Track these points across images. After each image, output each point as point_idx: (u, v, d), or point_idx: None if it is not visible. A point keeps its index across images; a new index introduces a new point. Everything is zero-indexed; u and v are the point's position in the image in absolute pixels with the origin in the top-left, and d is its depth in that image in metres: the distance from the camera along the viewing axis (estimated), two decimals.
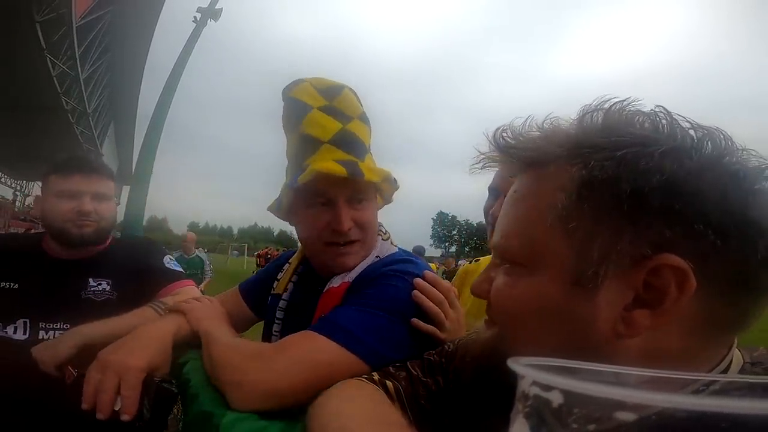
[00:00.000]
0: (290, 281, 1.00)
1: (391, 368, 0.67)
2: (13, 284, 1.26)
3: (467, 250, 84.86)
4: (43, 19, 12.02)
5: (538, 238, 0.44)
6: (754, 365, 0.43)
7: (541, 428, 0.21)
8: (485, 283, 0.52)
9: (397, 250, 0.97)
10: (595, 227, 0.40)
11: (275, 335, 0.95)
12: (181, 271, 1.47)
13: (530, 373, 0.21)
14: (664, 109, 0.43)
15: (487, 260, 1.06)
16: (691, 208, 0.37)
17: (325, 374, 0.67)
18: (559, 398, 0.20)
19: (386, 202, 1.01)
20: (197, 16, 16.23)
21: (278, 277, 1.03)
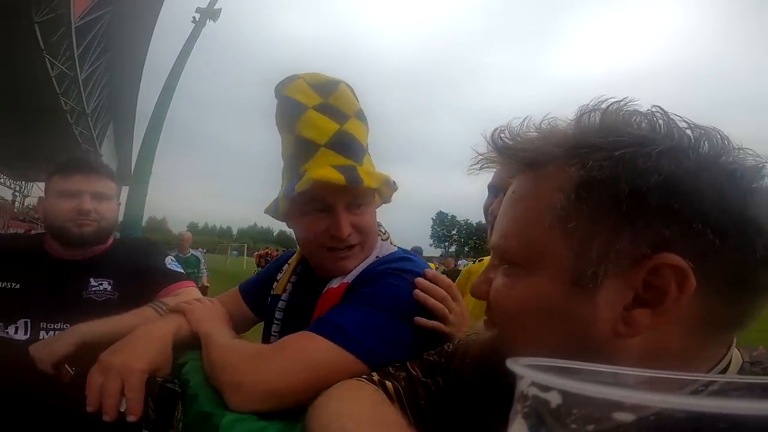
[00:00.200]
0: (289, 282, 0.99)
1: (390, 368, 0.67)
2: (14, 284, 1.26)
3: (467, 249, 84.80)
4: (41, 19, 12.01)
5: (536, 238, 0.44)
6: (753, 365, 0.43)
7: (539, 428, 0.21)
8: (484, 284, 0.52)
9: (396, 249, 0.97)
10: (593, 227, 0.40)
11: (274, 336, 0.94)
12: (182, 272, 1.47)
13: (529, 373, 0.21)
14: (660, 109, 0.43)
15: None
16: (689, 207, 0.37)
17: (323, 374, 0.66)
18: (557, 399, 0.20)
19: (385, 201, 1.00)
20: (196, 16, 16.22)
21: (277, 277, 1.03)
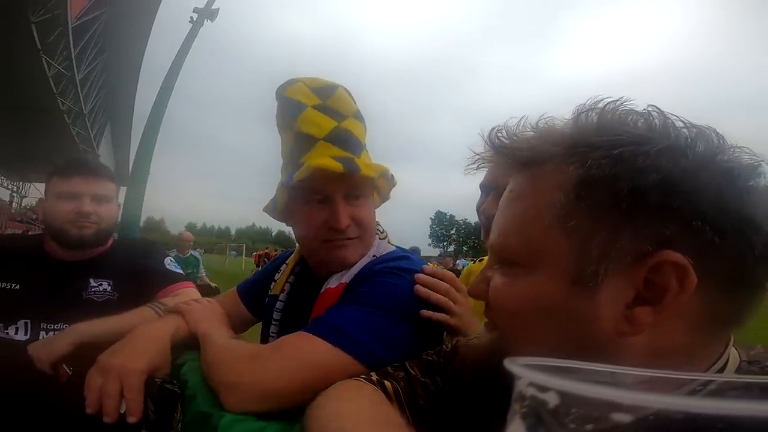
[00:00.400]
0: (287, 282, 0.99)
1: (389, 368, 0.67)
2: (14, 285, 1.26)
3: (465, 249, 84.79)
4: (38, 19, 11.95)
5: (536, 237, 0.44)
6: (751, 364, 0.43)
7: (537, 429, 0.21)
8: (482, 283, 0.52)
9: (394, 248, 0.96)
10: (594, 225, 0.40)
11: (272, 336, 0.94)
12: (181, 272, 1.47)
13: (526, 373, 0.21)
14: (657, 108, 0.43)
15: None
16: (688, 205, 0.38)
17: (320, 375, 0.66)
18: (555, 399, 0.20)
19: (384, 199, 1.00)
20: (194, 16, 16.12)
21: (275, 278, 1.03)
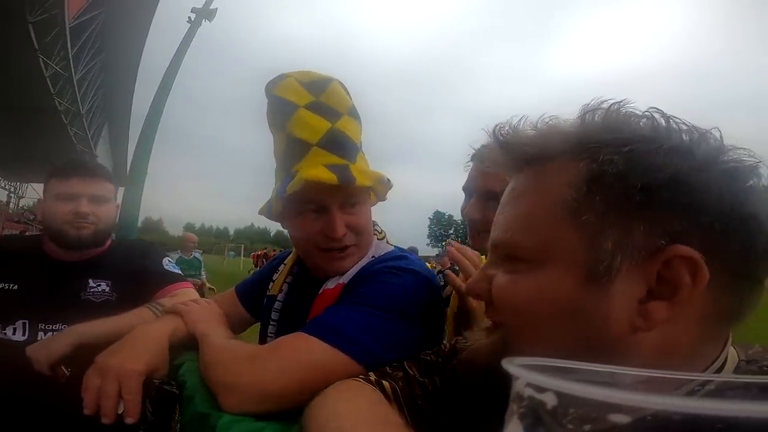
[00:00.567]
0: (285, 282, 0.99)
1: (388, 368, 0.67)
2: (12, 285, 1.26)
3: None
4: (35, 19, 11.90)
5: (546, 232, 0.44)
6: (749, 363, 0.43)
7: (535, 429, 0.21)
8: (483, 282, 0.50)
9: (393, 248, 0.96)
10: (607, 220, 0.41)
11: (270, 336, 0.94)
12: (179, 273, 1.47)
13: (524, 374, 0.21)
14: (659, 110, 0.43)
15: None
16: (697, 201, 0.38)
17: (318, 376, 0.66)
18: (553, 400, 0.20)
19: (380, 199, 0.99)
20: (192, 16, 16.09)
21: (273, 278, 1.03)
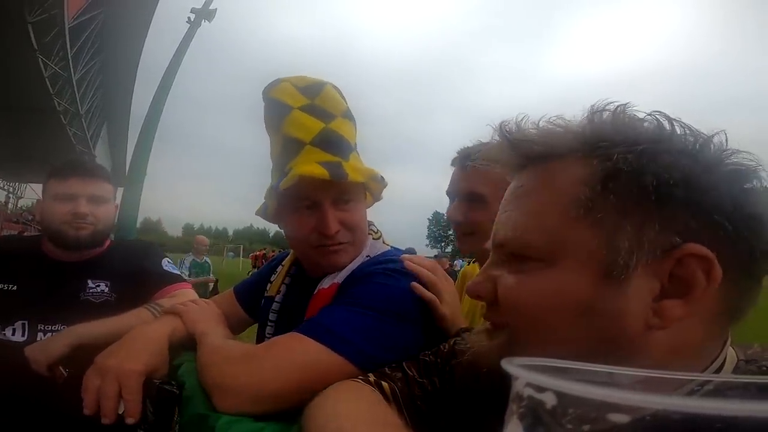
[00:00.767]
0: (283, 283, 0.99)
1: (386, 369, 0.67)
2: (11, 286, 1.26)
3: None
4: (35, 19, 11.89)
5: (559, 231, 0.43)
6: (748, 363, 0.43)
7: (535, 429, 0.21)
8: (487, 283, 0.49)
9: (389, 248, 0.96)
10: (622, 218, 0.41)
11: (268, 337, 0.94)
12: (178, 274, 1.47)
13: (523, 374, 0.21)
14: (663, 113, 0.44)
15: None
16: (708, 200, 0.39)
17: (312, 376, 0.66)
18: (552, 399, 0.20)
19: (376, 199, 0.99)
20: (191, 16, 16.08)
21: (271, 279, 1.03)
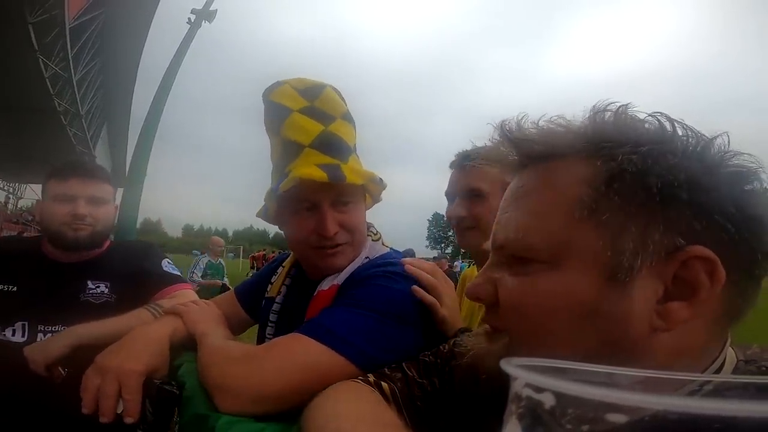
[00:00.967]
0: (283, 284, 0.99)
1: (386, 369, 0.67)
2: (11, 287, 1.26)
3: (463, 251, 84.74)
4: (35, 20, 11.89)
5: (562, 232, 0.43)
6: (747, 363, 0.43)
7: (534, 429, 0.21)
8: (487, 285, 0.48)
9: (388, 250, 0.96)
10: (627, 220, 0.40)
11: (268, 338, 0.94)
12: (178, 274, 1.46)
13: (522, 374, 0.21)
14: (664, 114, 0.44)
15: None
16: (712, 202, 0.39)
17: (313, 377, 0.66)
18: (551, 400, 0.20)
19: (375, 201, 1.00)
20: (191, 17, 16.06)
21: (272, 280, 1.03)
